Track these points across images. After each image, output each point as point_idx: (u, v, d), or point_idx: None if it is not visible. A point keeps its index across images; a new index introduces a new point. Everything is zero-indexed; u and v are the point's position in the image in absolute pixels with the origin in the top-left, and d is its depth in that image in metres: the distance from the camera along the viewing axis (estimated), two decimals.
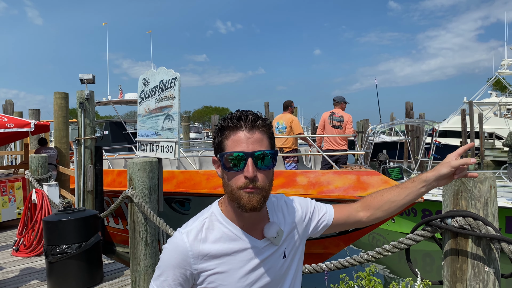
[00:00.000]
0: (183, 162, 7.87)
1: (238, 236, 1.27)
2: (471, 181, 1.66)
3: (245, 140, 1.18)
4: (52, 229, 4.25)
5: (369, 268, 3.40)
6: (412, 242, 1.93)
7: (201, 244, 1.25)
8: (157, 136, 4.33)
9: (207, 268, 1.25)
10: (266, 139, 1.22)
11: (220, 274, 1.25)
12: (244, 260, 1.27)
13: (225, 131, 1.22)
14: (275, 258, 1.31)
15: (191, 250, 1.24)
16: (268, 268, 1.30)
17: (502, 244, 1.57)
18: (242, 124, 1.20)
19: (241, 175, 1.18)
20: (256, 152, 1.18)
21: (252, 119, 1.20)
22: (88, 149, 6.59)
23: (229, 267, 1.25)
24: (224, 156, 1.19)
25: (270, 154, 1.21)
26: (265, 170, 1.20)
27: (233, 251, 1.26)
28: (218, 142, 1.24)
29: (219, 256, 1.25)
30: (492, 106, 30.49)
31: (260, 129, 1.21)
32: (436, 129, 9.75)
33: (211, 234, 1.27)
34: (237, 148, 1.18)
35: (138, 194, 3.95)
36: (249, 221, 1.28)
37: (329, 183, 5.41)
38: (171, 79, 4.11)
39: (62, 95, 8.34)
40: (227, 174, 1.22)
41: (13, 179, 7.85)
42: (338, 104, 7.51)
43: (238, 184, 1.19)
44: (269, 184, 1.22)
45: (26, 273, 4.92)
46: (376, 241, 9.51)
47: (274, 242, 1.30)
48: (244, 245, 1.27)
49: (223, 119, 1.24)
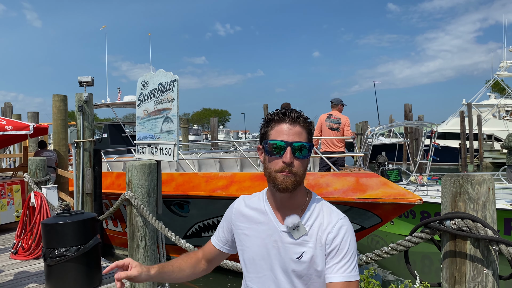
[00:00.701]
0: (182, 164, 7.87)
1: (266, 211, 1.47)
2: (469, 183, 1.66)
3: (287, 131, 1.36)
4: (51, 232, 4.24)
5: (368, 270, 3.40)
6: (410, 244, 1.93)
7: (243, 205, 1.55)
8: (156, 138, 4.33)
9: (239, 227, 1.53)
10: (305, 133, 1.39)
11: (245, 236, 1.50)
12: (265, 232, 1.45)
13: (271, 123, 1.41)
14: (290, 251, 1.40)
15: (236, 206, 1.57)
16: (281, 255, 1.42)
17: (500, 246, 1.57)
18: (286, 118, 1.38)
19: (280, 160, 1.35)
20: (295, 142, 1.35)
21: (295, 115, 1.38)
22: (86, 152, 6.58)
23: (252, 233, 1.48)
24: (268, 142, 1.38)
25: (307, 146, 1.37)
26: (301, 159, 1.37)
27: (259, 221, 1.48)
28: (264, 132, 1.42)
29: (248, 220, 1.51)
30: (491, 108, 30.56)
31: (300, 124, 1.38)
32: (434, 131, 9.77)
33: (253, 202, 1.53)
34: (279, 137, 1.36)
35: (136, 197, 3.95)
36: (280, 204, 1.45)
37: (328, 185, 5.41)
38: (170, 81, 4.11)
39: (60, 98, 8.33)
40: (268, 159, 1.39)
41: (11, 182, 7.83)
42: (336, 106, 7.53)
43: (276, 167, 1.36)
44: (303, 171, 1.39)
45: (25, 276, 4.91)
46: (374, 243, 9.51)
47: (292, 233, 1.40)
48: (267, 220, 1.46)
49: (270, 113, 1.44)
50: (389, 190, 5.19)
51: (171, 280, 1.56)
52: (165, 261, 4.43)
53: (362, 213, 5.43)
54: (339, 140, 7.18)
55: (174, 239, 3.64)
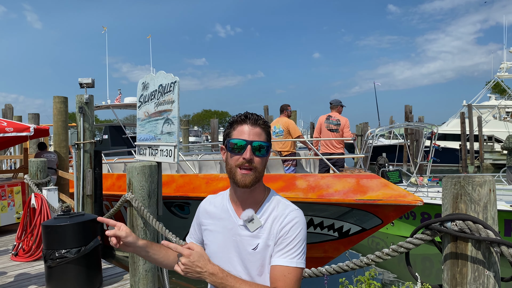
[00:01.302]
0: (182, 166, 7.87)
1: (227, 208, 1.60)
2: (470, 185, 1.66)
3: (247, 131, 1.49)
4: (51, 233, 4.24)
5: (369, 272, 3.40)
6: (411, 246, 1.92)
7: (208, 204, 1.68)
8: (156, 140, 4.33)
9: (205, 224, 1.65)
10: (264, 134, 1.52)
11: (210, 232, 1.61)
12: (225, 228, 1.57)
13: (233, 124, 1.54)
14: (247, 243, 1.52)
15: (203, 206, 1.70)
16: (239, 248, 1.53)
17: (502, 248, 1.57)
18: (247, 120, 1.52)
19: (240, 157, 1.47)
20: (254, 141, 1.48)
21: (255, 117, 1.53)
22: (87, 153, 6.58)
23: (214, 228, 1.60)
24: (230, 142, 1.51)
25: (265, 146, 1.51)
26: (260, 157, 1.50)
27: (220, 217, 1.60)
28: (227, 133, 1.55)
29: (212, 217, 1.62)
30: (491, 109, 30.54)
31: (260, 126, 1.52)
32: (435, 132, 9.76)
33: (217, 201, 1.66)
34: (241, 136, 1.49)
35: (137, 198, 3.95)
36: (240, 200, 1.57)
37: (329, 186, 5.41)
38: (170, 83, 4.11)
39: (61, 99, 8.33)
40: (230, 156, 1.51)
41: (12, 184, 7.83)
42: (335, 107, 7.53)
43: (236, 162, 1.48)
44: (262, 168, 1.51)
45: (25, 278, 4.91)
46: (375, 244, 9.50)
47: (247, 226, 1.53)
48: (228, 216, 1.58)
49: (233, 116, 1.57)
50: (389, 191, 5.19)
51: (153, 261, 1.62)
52: None
53: (363, 214, 5.42)
54: (338, 141, 7.18)
55: (175, 240, 3.64)
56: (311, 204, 5.37)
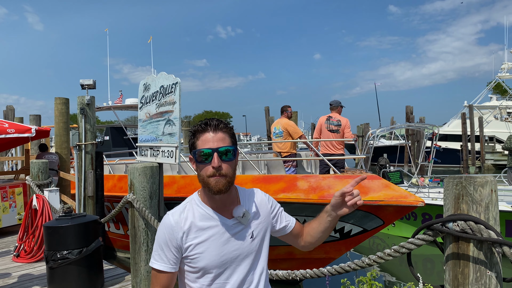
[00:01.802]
0: (184, 167, 7.87)
1: (211, 215, 1.57)
2: (472, 185, 1.66)
3: (211, 139, 1.50)
4: (53, 234, 4.24)
5: (371, 272, 3.39)
6: (413, 247, 1.92)
7: (183, 221, 1.56)
8: (157, 141, 4.33)
9: (189, 240, 1.55)
10: (228, 138, 1.53)
11: (199, 245, 1.55)
12: (217, 234, 1.56)
13: (196, 134, 1.54)
14: (244, 235, 1.59)
15: (175, 226, 1.55)
16: (238, 243, 1.58)
17: (503, 248, 1.57)
18: (208, 128, 1.52)
19: (209, 166, 1.49)
20: (220, 148, 1.49)
21: (216, 123, 1.53)
22: (88, 154, 6.59)
23: (204, 239, 1.55)
24: (196, 152, 1.51)
25: (231, 149, 1.52)
26: (228, 161, 1.51)
27: (207, 226, 1.56)
28: (192, 143, 1.55)
29: (196, 230, 1.55)
30: (492, 110, 30.52)
31: (222, 130, 1.53)
32: (436, 133, 9.74)
33: (190, 213, 1.58)
34: (205, 145, 1.50)
35: (138, 199, 3.95)
36: (220, 203, 1.58)
37: (330, 187, 5.40)
38: (172, 84, 4.11)
39: (62, 101, 8.35)
40: (199, 167, 1.53)
41: (13, 185, 7.84)
42: (335, 108, 7.53)
43: (207, 173, 1.49)
44: (232, 171, 1.53)
45: (27, 279, 4.91)
46: (377, 245, 9.49)
47: (242, 221, 1.59)
48: (216, 222, 1.57)
49: (194, 125, 1.57)
50: (391, 192, 5.18)
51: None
52: None
53: (364, 215, 5.42)
54: (338, 142, 7.18)
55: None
56: (312, 205, 5.37)
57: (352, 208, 1.60)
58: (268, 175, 6.20)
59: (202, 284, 1.57)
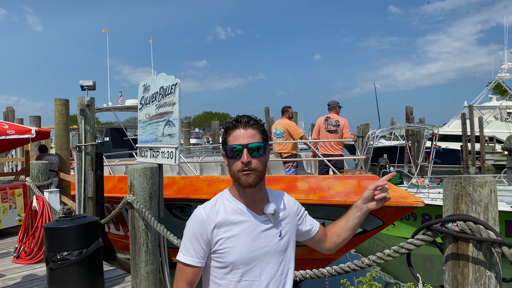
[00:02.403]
0: (183, 168, 7.87)
1: (242, 210, 1.61)
2: (471, 185, 1.67)
3: (241, 135, 1.55)
4: (53, 235, 4.24)
5: (370, 273, 3.40)
6: (413, 247, 1.93)
7: (214, 214, 1.59)
8: (157, 142, 4.34)
9: (220, 233, 1.57)
10: (258, 134, 1.58)
11: (230, 239, 1.56)
12: (248, 229, 1.59)
13: (227, 130, 1.60)
14: (273, 234, 1.63)
15: (207, 219, 1.58)
16: (267, 240, 1.61)
17: (503, 248, 1.57)
18: (239, 124, 1.58)
19: (239, 161, 1.54)
20: (250, 144, 1.54)
21: (246, 120, 1.58)
22: (88, 156, 6.59)
23: (235, 233, 1.57)
24: (227, 148, 1.57)
25: (261, 146, 1.56)
26: (258, 157, 1.56)
27: (238, 221, 1.59)
28: (223, 139, 1.61)
29: (227, 224, 1.58)
30: (492, 110, 30.52)
31: (252, 127, 1.58)
32: (436, 133, 9.76)
33: (221, 208, 1.61)
34: (236, 141, 1.55)
35: (138, 200, 3.95)
36: (251, 199, 1.62)
37: (330, 188, 5.41)
38: (171, 85, 4.12)
39: (62, 102, 8.35)
40: (230, 162, 1.59)
41: (14, 186, 7.85)
42: (333, 108, 7.53)
43: (237, 168, 1.55)
44: (262, 167, 1.58)
45: (27, 280, 4.91)
46: (376, 245, 9.49)
47: (271, 219, 1.63)
48: (246, 217, 1.60)
49: (226, 122, 1.62)
50: (390, 193, 5.18)
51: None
52: (167, 264, 4.43)
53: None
54: (336, 142, 7.17)
55: (176, 242, 3.64)
56: (312, 205, 5.37)
57: (380, 203, 1.68)
58: (268, 176, 6.20)
59: (230, 281, 1.57)
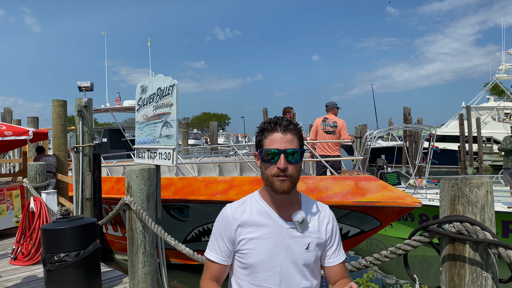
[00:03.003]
0: (181, 169, 7.87)
1: (268, 213, 1.57)
2: (467, 186, 1.67)
3: (279, 139, 1.50)
4: (50, 237, 4.23)
5: (367, 274, 3.40)
6: (410, 248, 1.93)
7: (239, 214, 1.58)
8: (155, 143, 4.33)
9: (243, 233, 1.56)
10: (296, 140, 1.53)
11: (252, 240, 1.54)
12: (271, 233, 1.54)
13: (264, 132, 1.55)
14: (298, 244, 1.55)
15: (232, 217, 1.58)
16: (291, 250, 1.54)
17: (499, 249, 1.57)
18: (277, 127, 1.52)
19: (275, 166, 1.49)
20: (288, 149, 1.49)
21: (286, 123, 1.52)
22: (86, 157, 6.58)
23: (258, 235, 1.54)
24: (263, 151, 1.52)
25: (299, 152, 1.52)
26: (294, 163, 1.51)
27: (263, 223, 1.56)
28: (259, 140, 1.57)
29: (252, 225, 1.56)
30: (490, 111, 30.60)
31: (291, 132, 1.52)
32: (433, 134, 9.78)
33: (248, 208, 1.60)
34: (273, 145, 1.50)
35: (136, 201, 3.95)
36: (280, 203, 1.57)
37: (328, 188, 5.41)
38: (169, 86, 4.12)
39: (60, 103, 8.34)
40: (265, 165, 1.54)
41: (11, 187, 7.82)
42: (331, 109, 7.53)
43: (272, 172, 1.50)
44: (297, 174, 1.53)
45: (24, 282, 4.90)
46: (374, 247, 9.50)
47: (299, 228, 1.55)
48: (272, 221, 1.56)
49: (264, 123, 1.57)
50: (388, 193, 5.19)
51: None
52: (165, 266, 4.42)
53: (362, 216, 5.43)
54: (334, 143, 7.18)
55: (174, 243, 3.64)
56: None
57: None
58: None
59: (250, 283, 1.56)
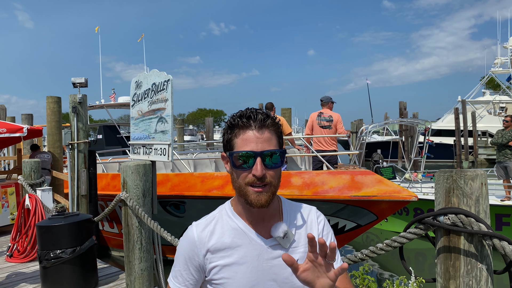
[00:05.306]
0: (177, 165, 7.85)
1: (244, 231, 1.26)
2: (462, 179, 1.67)
3: (254, 139, 1.18)
4: (46, 234, 4.22)
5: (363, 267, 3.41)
6: (405, 241, 1.93)
7: (208, 235, 1.27)
8: (150, 139, 4.32)
9: (214, 260, 1.25)
10: (275, 139, 1.22)
11: (227, 267, 1.24)
12: (249, 256, 1.24)
13: (234, 129, 1.21)
14: (284, 265, 1.20)
15: (198, 241, 1.26)
16: (276, 272, 1.24)
17: (494, 241, 1.58)
18: (251, 123, 1.19)
19: (249, 173, 1.18)
20: (265, 151, 1.18)
21: (262, 118, 1.20)
22: (81, 153, 6.56)
23: (233, 261, 1.24)
24: (234, 154, 1.19)
25: (278, 153, 1.20)
26: (273, 168, 1.20)
27: (238, 244, 1.25)
28: (228, 139, 1.24)
29: (224, 248, 1.25)
30: (485, 105, 30.70)
31: (269, 128, 1.21)
32: (428, 128, 9.81)
33: (218, 227, 1.28)
34: (246, 147, 1.18)
35: (132, 197, 3.94)
36: (257, 217, 1.27)
37: (324, 183, 5.42)
38: (164, 81, 4.10)
39: (54, 100, 8.30)
40: (236, 172, 1.22)
41: (6, 185, 7.79)
42: (326, 104, 7.53)
43: (246, 180, 1.19)
44: (277, 180, 1.22)
45: (20, 279, 4.88)
46: (369, 240, 9.54)
47: (282, 243, 1.25)
48: (248, 240, 1.25)
49: (233, 117, 1.23)
50: (384, 187, 5.21)
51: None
52: (161, 262, 4.42)
53: (358, 210, 5.44)
54: (330, 138, 7.19)
55: (170, 239, 3.64)
56: (306, 201, 5.38)
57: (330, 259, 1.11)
58: None
59: None
